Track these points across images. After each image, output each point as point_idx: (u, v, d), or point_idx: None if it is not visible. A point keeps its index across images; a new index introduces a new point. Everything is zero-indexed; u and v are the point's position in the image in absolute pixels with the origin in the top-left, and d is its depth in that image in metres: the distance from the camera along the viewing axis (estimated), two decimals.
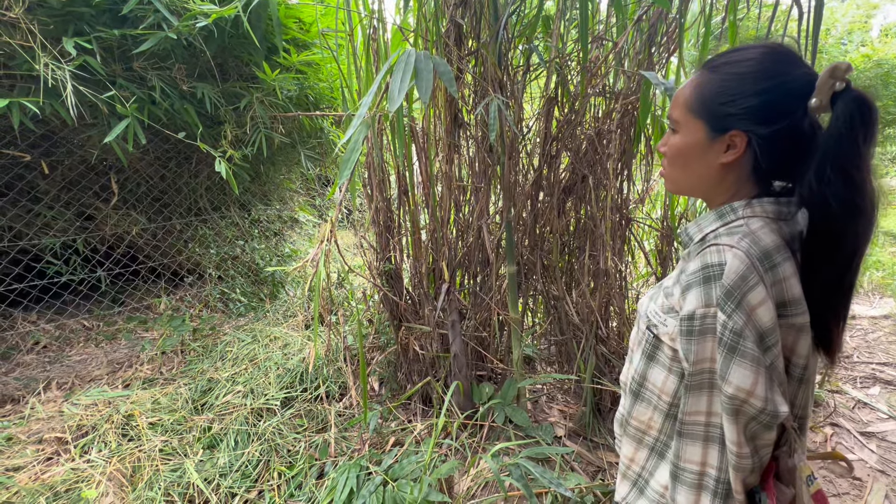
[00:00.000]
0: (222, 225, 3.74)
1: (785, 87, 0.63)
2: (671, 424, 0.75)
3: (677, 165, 0.74)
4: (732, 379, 0.61)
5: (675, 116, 0.72)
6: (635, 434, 0.82)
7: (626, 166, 1.95)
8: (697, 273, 0.65)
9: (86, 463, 1.80)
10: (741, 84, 0.65)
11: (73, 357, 2.84)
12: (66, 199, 2.90)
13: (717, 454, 0.67)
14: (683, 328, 0.66)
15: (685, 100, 0.70)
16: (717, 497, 0.67)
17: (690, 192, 0.78)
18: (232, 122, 2.58)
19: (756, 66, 0.64)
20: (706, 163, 0.70)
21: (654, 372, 0.76)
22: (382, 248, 2.18)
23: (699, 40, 1.90)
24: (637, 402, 0.80)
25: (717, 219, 0.70)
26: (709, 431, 0.67)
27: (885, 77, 5.10)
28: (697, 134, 0.69)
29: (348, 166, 1.24)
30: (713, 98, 0.67)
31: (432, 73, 1.24)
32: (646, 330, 0.77)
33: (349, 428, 2.07)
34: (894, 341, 2.93)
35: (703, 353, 0.64)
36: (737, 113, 0.65)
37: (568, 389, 2.38)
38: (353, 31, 2.00)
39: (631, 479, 0.84)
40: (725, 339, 0.61)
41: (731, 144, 0.67)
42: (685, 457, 0.69)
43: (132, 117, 2.13)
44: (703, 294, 0.63)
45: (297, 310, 3.34)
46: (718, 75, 0.67)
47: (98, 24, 2.08)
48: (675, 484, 0.71)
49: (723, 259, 0.62)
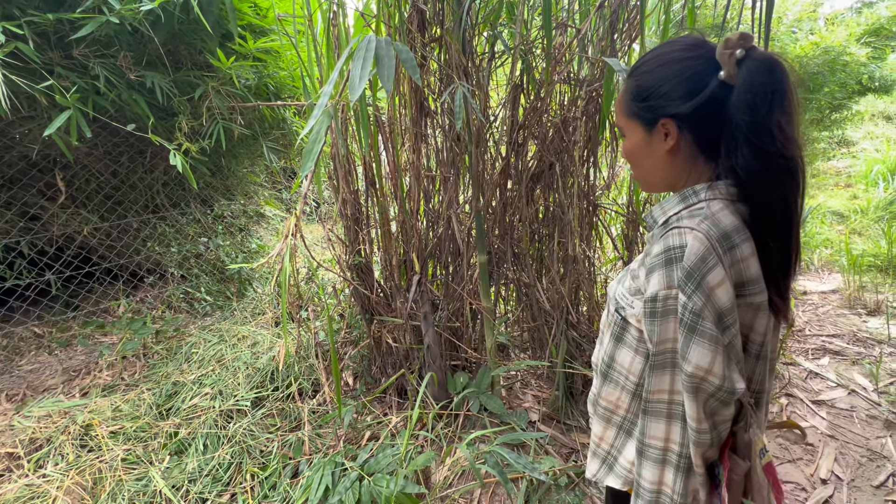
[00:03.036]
0: (183, 222, 3.57)
1: (691, 66, 0.67)
2: (638, 404, 0.78)
3: (635, 165, 0.79)
4: (692, 358, 0.63)
5: (619, 123, 0.78)
6: (604, 413, 0.84)
7: (591, 153, 1.97)
8: (660, 255, 0.66)
9: (41, 478, 1.70)
10: (654, 77, 0.70)
11: (24, 366, 2.67)
12: (7, 199, 2.70)
13: (680, 431, 0.70)
14: (647, 309, 0.68)
15: (619, 107, 0.76)
16: (679, 471, 0.70)
17: (657, 186, 0.79)
18: (187, 114, 2.45)
19: (663, 59, 0.70)
20: (654, 155, 0.74)
21: (622, 353, 0.78)
22: (351, 241, 2.13)
23: (660, 27, 1.93)
24: (606, 382, 0.82)
25: (679, 202, 0.72)
26: (671, 409, 0.70)
27: (831, 64, 5.35)
28: (637, 133, 0.74)
29: (311, 158, 1.19)
30: (636, 98, 0.72)
31: (394, 60, 1.20)
32: (614, 312, 0.79)
33: (323, 425, 2.04)
34: (842, 314, 3.13)
35: (665, 333, 0.66)
36: (656, 104, 0.69)
37: (541, 375, 2.43)
38: (312, 16, 1.93)
39: (601, 456, 0.87)
40: (685, 319, 0.63)
41: (666, 132, 0.71)
42: (650, 433, 0.72)
43: (74, 108, 1.99)
44: (665, 276, 0.65)
45: (265, 307, 3.26)
46: (634, 78, 0.73)
47: (30, 8, 1.92)
48: (641, 460, 0.73)
49: (683, 241, 0.64)
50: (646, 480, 0.73)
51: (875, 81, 6.03)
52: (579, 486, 1.70)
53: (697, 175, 0.72)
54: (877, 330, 2.84)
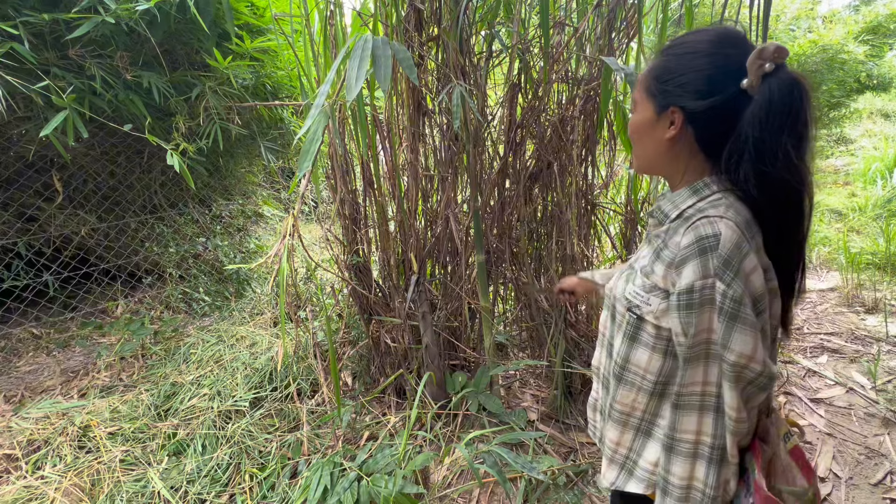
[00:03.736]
0: (181, 222, 3.56)
1: (717, 65, 0.66)
2: (656, 402, 0.76)
3: (635, 141, 0.79)
4: (734, 346, 0.63)
5: (635, 97, 0.77)
6: (620, 417, 0.81)
7: (589, 152, 1.97)
8: (692, 246, 0.65)
9: (39, 479, 1.69)
10: (679, 63, 0.69)
11: (22, 367, 2.67)
12: (4, 200, 2.69)
13: (712, 422, 0.69)
14: (682, 302, 0.66)
15: (642, 80, 0.76)
16: (711, 463, 0.69)
17: (650, 169, 0.81)
18: (184, 114, 2.45)
19: (694, 47, 0.68)
20: (655, 138, 0.74)
21: (638, 353, 0.76)
22: (349, 241, 2.13)
23: (658, 26, 1.92)
24: (620, 385, 0.79)
25: (692, 194, 0.72)
26: (704, 401, 0.69)
27: (829, 62, 5.36)
28: (647, 112, 0.74)
29: (308, 157, 1.19)
30: (658, 77, 0.72)
31: (391, 59, 1.20)
32: (625, 312, 0.77)
33: (322, 425, 2.04)
34: (840, 312, 3.13)
35: (702, 324, 0.66)
36: (673, 90, 0.69)
37: (540, 374, 2.43)
38: (309, 15, 1.92)
39: (619, 462, 0.83)
40: (726, 307, 0.63)
41: (672, 121, 0.71)
42: (681, 428, 0.70)
43: (70, 109, 1.98)
44: (701, 266, 0.64)
45: (264, 307, 3.25)
46: (665, 57, 0.72)
47: (25, 8, 1.91)
48: (671, 456, 0.72)
49: (717, 230, 0.63)
50: (676, 476, 0.71)
51: (873, 79, 6.05)
52: (578, 486, 1.70)
53: (695, 170, 0.73)
54: (875, 328, 2.85)
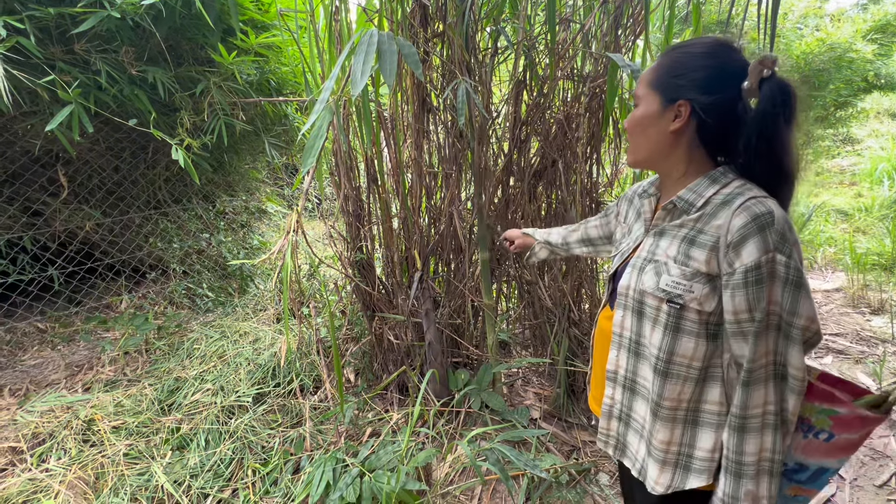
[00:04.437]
0: (185, 218, 3.57)
1: (724, 66, 0.74)
2: (700, 389, 0.78)
3: (635, 134, 0.83)
4: (802, 311, 0.68)
5: (638, 92, 0.82)
6: (669, 414, 0.79)
7: (594, 150, 1.96)
8: (749, 225, 0.68)
9: (44, 472, 1.70)
10: (691, 60, 0.76)
11: (27, 361, 2.68)
12: (9, 194, 2.70)
13: (773, 389, 0.71)
14: (750, 278, 0.69)
15: (647, 76, 0.81)
16: (776, 430, 0.72)
17: (647, 162, 0.84)
18: (189, 109, 2.44)
19: (703, 49, 0.76)
20: (659, 130, 0.79)
21: (683, 343, 0.76)
22: (353, 238, 2.13)
23: (664, 23, 1.91)
24: (666, 381, 0.78)
25: (711, 183, 0.77)
26: (767, 371, 0.71)
27: (837, 60, 5.31)
28: (653, 105, 0.79)
29: (312, 154, 1.19)
30: (668, 72, 0.78)
31: (396, 55, 1.19)
32: (661, 304, 0.77)
33: (325, 421, 2.04)
34: (845, 313, 3.11)
35: (771, 296, 0.69)
36: (685, 84, 0.75)
37: (543, 372, 2.42)
38: (314, 11, 1.92)
39: (672, 462, 0.81)
40: (791, 276, 0.68)
41: (678, 113, 0.76)
42: (752, 404, 0.71)
43: (76, 103, 1.98)
44: (762, 242, 0.68)
45: (267, 303, 3.26)
46: (673, 55, 0.79)
47: (31, 2, 1.91)
48: (743, 436, 0.72)
49: (769, 207, 0.69)
50: (749, 455, 0.72)
51: (881, 78, 5.98)
52: (580, 484, 1.69)
53: (699, 162, 0.79)
54: (880, 329, 2.83)
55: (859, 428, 0.72)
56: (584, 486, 1.68)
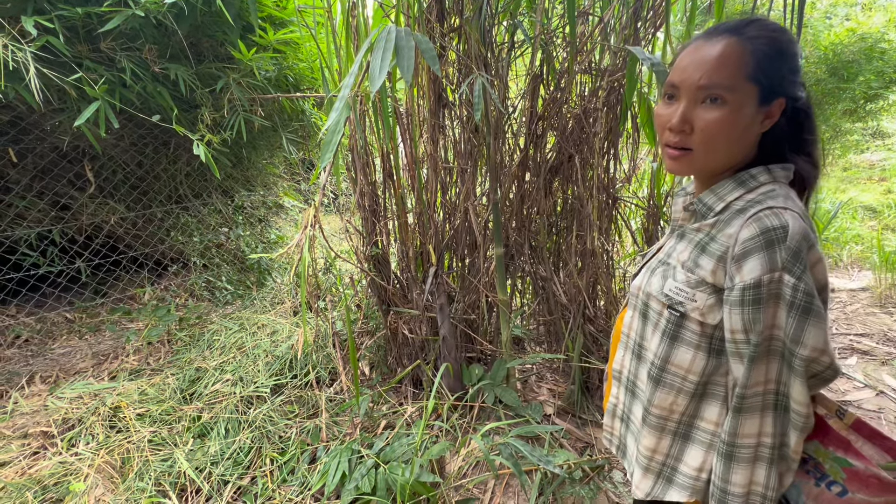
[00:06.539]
0: (205, 212, 3.65)
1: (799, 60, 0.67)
2: (696, 404, 0.73)
3: (718, 138, 0.65)
4: (808, 340, 0.60)
5: (725, 82, 0.63)
6: (657, 423, 0.77)
7: (612, 145, 1.93)
8: (757, 238, 0.61)
9: (73, 456, 1.78)
10: (790, 46, 0.64)
11: (57, 350, 2.79)
12: (39, 189, 2.80)
13: (772, 421, 0.66)
14: (748, 297, 0.62)
15: (738, 63, 0.63)
16: (772, 465, 0.66)
17: (714, 171, 0.72)
18: (209, 105, 2.49)
19: (790, 38, 0.65)
20: (750, 132, 0.67)
21: (680, 352, 0.72)
22: (369, 233, 2.15)
23: (686, 15, 1.86)
24: (658, 388, 0.75)
25: (737, 186, 0.69)
26: (765, 400, 0.65)
27: (868, 51, 5.11)
28: (749, 101, 0.64)
29: (330, 149, 1.20)
30: (771, 61, 0.63)
31: (414, 50, 1.20)
32: (663, 310, 0.73)
33: (340, 413, 2.07)
34: (871, 313, 3.02)
35: (770, 319, 0.62)
36: (789, 77, 0.64)
37: (557, 368, 2.42)
38: (331, 7, 1.93)
39: (655, 471, 0.79)
40: (798, 300, 0.60)
41: (769, 115, 0.66)
42: (743, 432, 0.66)
43: (102, 100, 2.04)
44: (768, 259, 0.61)
45: (284, 297, 3.31)
46: (772, 37, 0.63)
47: (59, 2, 1.97)
48: (730, 464, 0.68)
49: (784, 221, 0.60)
50: (736, 485, 0.67)
51: None
52: (594, 480, 1.69)
53: (743, 164, 0.71)
54: None
55: (877, 492, 0.63)
56: (597, 482, 1.68)
